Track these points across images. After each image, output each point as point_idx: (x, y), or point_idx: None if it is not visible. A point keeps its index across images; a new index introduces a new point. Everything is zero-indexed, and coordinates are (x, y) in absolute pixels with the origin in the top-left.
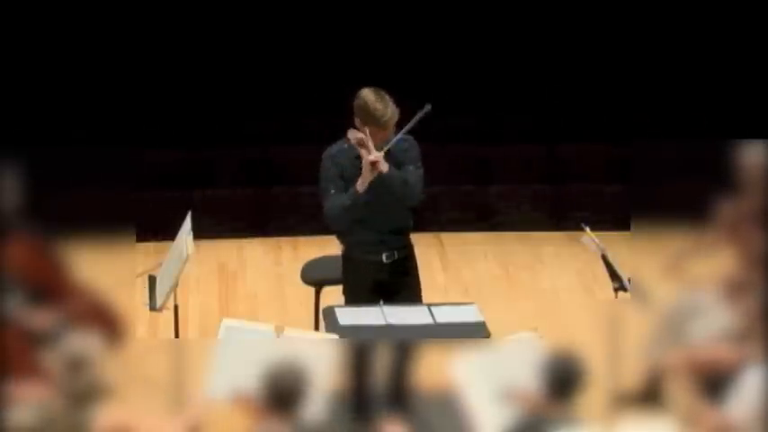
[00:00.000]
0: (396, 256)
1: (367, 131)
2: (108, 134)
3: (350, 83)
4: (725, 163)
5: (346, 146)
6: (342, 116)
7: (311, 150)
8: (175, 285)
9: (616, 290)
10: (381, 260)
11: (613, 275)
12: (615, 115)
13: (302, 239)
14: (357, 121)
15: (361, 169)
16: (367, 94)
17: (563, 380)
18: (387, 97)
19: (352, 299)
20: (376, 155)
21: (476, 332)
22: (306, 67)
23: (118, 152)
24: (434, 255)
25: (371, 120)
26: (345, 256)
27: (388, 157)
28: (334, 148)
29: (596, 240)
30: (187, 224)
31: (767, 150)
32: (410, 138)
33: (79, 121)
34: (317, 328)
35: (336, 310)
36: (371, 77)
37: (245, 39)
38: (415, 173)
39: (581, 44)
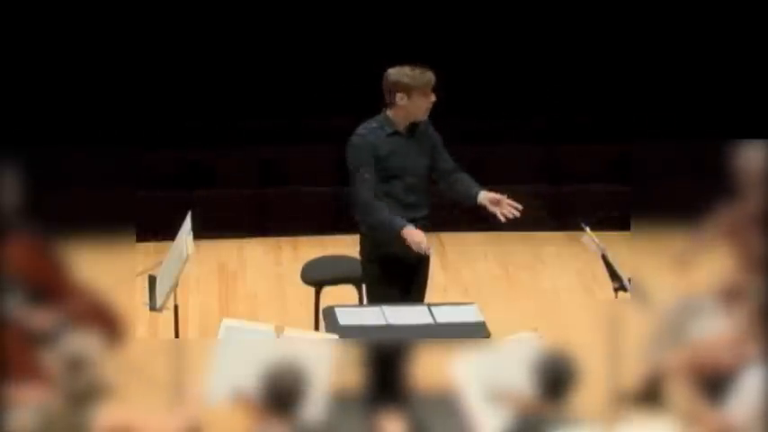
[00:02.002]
0: None
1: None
2: (108, 134)
3: (350, 83)
4: (725, 163)
5: (375, 125)
6: (342, 116)
7: (311, 150)
8: (175, 285)
9: (616, 290)
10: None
11: (613, 275)
12: (615, 115)
13: (302, 239)
14: (399, 97)
15: (394, 147)
16: (401, 69)
17: (555, 380)
18: (417, 65)
19: (373, 283)
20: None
21: (476, 332)
22: (306, 67)
23: (118, 152)
24: (434, 255)
25: (418, 87)
26: (368, 237)
27: (419, 137)
28: (362, 130)
29: (596, 240)
30: (187, 224)
31: (767, 150)
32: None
33: (79, 120)
34: (317, 328)
35: (336, 310)
36: (371, 78)
37: (245, 39)
38: (449, 158)
39: (581, 44)
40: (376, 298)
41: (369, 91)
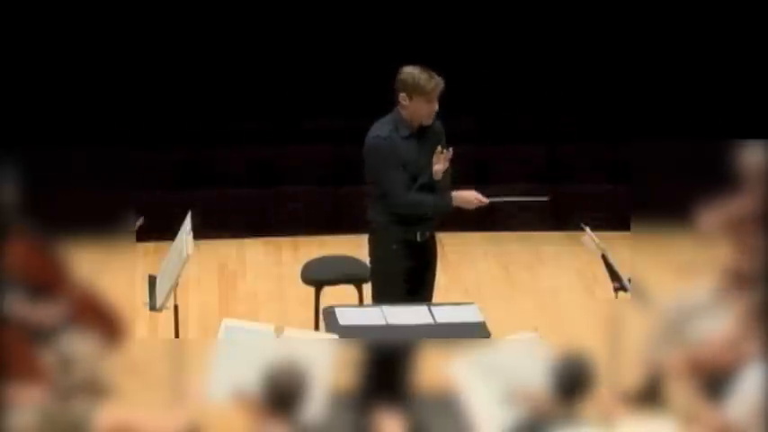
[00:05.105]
0: (427, 236)
1: (409, 106)
2: (108, 134)
3: (350, 84)
4: (725, 163)
5: (389, 127)
6: (342, 117)
7: (311, 150)
8: (175, 285)
9: (616, 290)
10: (415, 238)
11: (613, 275)
12: (615, 115)
13: (302, 239)
14: (402, 97)
15: (409, 149)
16: (411, 69)
17: (572, 381)
18: (430, 71)
19: (383, 278)
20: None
21: (476, 332)
22: (306, 67)
23: (118, 152)
24: None
25: (419, 90)
26: (379, 234)
27: (430, 135)
28: (382, 132)
29: (596, 240)
30: (187, 224)
31: (767, 150)
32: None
33: (79, 120)
34: (317, 328)
35: (336, 310)
36: (372, 78)
37: (246, 39)
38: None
39: (581, 44)
40: (385, 297)
41: (369, 91)
